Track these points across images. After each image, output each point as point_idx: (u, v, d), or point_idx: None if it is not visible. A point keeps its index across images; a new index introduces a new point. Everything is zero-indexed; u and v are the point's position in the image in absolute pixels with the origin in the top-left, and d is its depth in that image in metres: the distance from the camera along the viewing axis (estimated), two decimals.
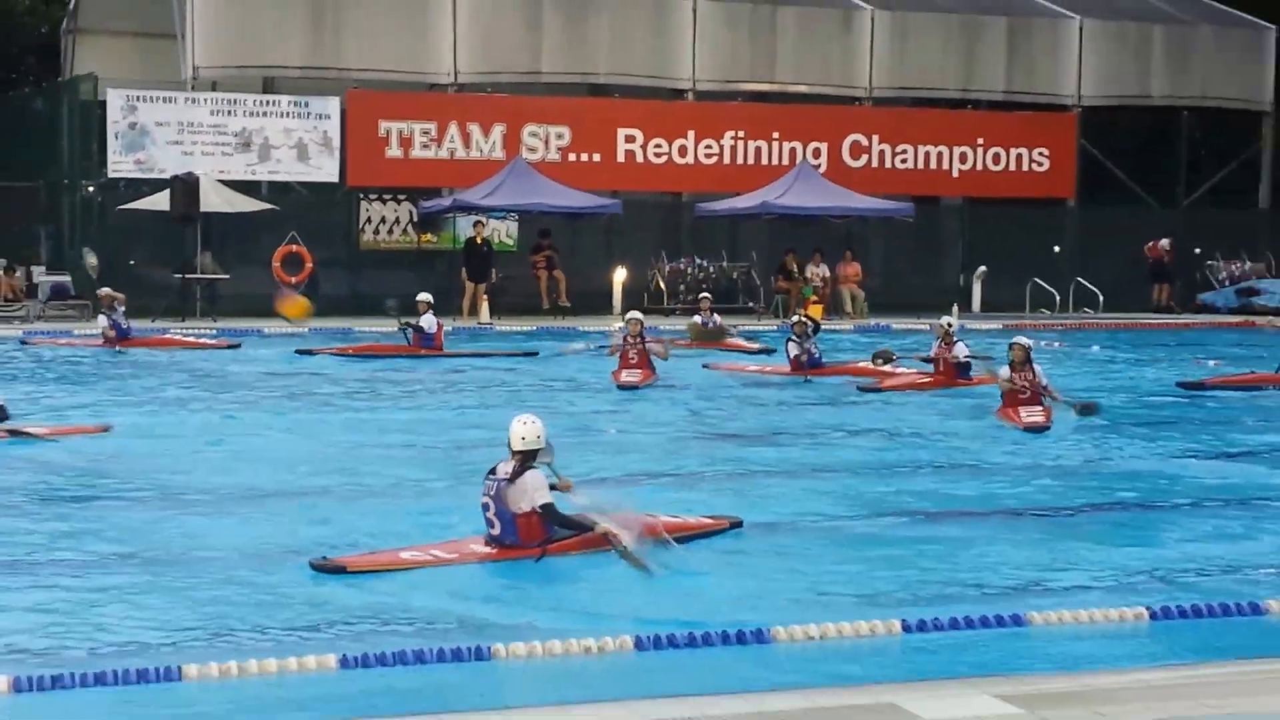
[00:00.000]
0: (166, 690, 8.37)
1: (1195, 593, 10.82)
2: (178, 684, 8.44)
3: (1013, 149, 40.63)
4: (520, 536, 11.25)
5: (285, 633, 9.65)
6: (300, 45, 36.02)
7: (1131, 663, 9.05)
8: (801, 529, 13.03)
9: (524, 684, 8.67)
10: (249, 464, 15.92)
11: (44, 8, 50.68)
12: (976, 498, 14.67)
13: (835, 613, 10.03)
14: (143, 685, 8.39)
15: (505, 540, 11.27)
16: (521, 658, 8.99)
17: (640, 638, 9.25)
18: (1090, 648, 9.49)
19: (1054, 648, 9.49)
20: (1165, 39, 42.20)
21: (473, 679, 8.70)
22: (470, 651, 8.96)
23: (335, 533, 12.38)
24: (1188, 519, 14.05)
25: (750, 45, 39.07)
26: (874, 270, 39.73)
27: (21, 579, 10.92)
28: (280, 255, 34.76)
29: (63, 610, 10.13)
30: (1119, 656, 9.24)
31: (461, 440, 17.40)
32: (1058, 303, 38.78)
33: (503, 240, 36.83)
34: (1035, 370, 19.09)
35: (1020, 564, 11.83)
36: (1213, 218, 42.40)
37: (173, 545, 12.08)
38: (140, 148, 34.51)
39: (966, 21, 40.72)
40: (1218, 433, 19.15)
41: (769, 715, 7.76)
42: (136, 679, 8.42)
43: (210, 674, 8.56)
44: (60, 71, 42.81)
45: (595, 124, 37.88)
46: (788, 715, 7.74)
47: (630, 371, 22.42)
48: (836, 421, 19.78)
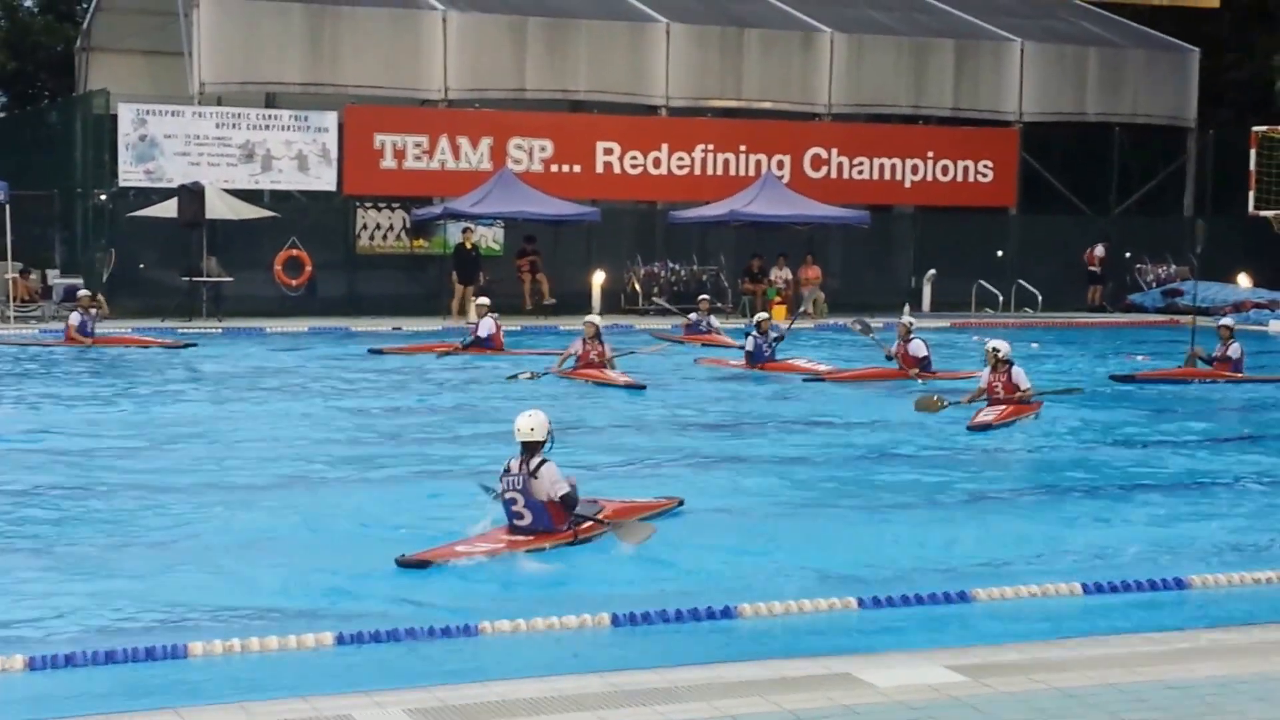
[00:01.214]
0: (173, 667, 8.36)
1: (1127, 570, 10.85)
2: (183, 661, 8.43)
3: (959, 161, 40.65)
4: (552, 522, 11.27)
5: (286, 612, 9.64)
6: (300, 63, 35.87)
7: (1068, 634, 9.07)
8: (762, 513, 13.03)
9: (510, 658, 8.65)
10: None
11: (59, 27, 50.44)
12: (922, 484, 14.66)
13: (796, 590, 10.04)
14: (150, 663, 8.36)
15: (539, 527, 11.24)
16: (507, 633, 8.99)
17: (617, 615, 9.25)
18: (1031, 621, 9.51)
19: (998, 621, 9.52)
20: (1099, 61, 42.27)
21: (459, 654, 8.69)
22: (459, 629, 8.96)
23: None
24: (1120, 501, 14.09)
25: (719, 65, 39.01)
26: (833, 273, 39.74)
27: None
28: (281, 259, 34.67)
29: (76, 593, 10.11)
30: (1057, 629, 9.26)
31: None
32: (1000, 302, 38.88)
33: (490, 245, 36.71)
34: (1012, 373, 18.60)
35: (966, 545, 11.85)
36: (1141, 225, 42.52)
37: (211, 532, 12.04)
38: (149, 158, 34.33)
39: (917, 44, 40.73)
40: (1147, 421, 19.22)
41: (735, 684, 7.75)
42: (145, 657, 8.39)
43: (214, 650, 8.54)
44: (74, 87, 42.58)
45: (576, 137, 37.81)
46: (753, 685, 7.74)
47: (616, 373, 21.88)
48: (793, 413, 19.74)
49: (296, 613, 9.55)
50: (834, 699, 7.47)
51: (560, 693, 7.61)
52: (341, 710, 7.32)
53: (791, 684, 7.76)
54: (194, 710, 7.34)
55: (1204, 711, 7.34)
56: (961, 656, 8.37)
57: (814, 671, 8.04)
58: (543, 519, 11.27)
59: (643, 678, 7.91)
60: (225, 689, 7.86)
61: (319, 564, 10.94)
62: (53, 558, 11.08)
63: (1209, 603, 10.09)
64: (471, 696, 7.55)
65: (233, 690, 7.80)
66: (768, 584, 10.35)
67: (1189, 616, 9.65)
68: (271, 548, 11.46)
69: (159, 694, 7.78)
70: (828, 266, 39.34)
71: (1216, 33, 44.47)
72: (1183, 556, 11.51)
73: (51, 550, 11.31)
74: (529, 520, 11.28)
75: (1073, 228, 41.48)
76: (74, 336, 26.95)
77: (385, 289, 35.83)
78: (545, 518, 11.27)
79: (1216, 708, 7.39)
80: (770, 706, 7.35)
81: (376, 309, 34.45)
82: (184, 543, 11.58)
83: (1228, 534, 12.39)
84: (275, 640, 8.68)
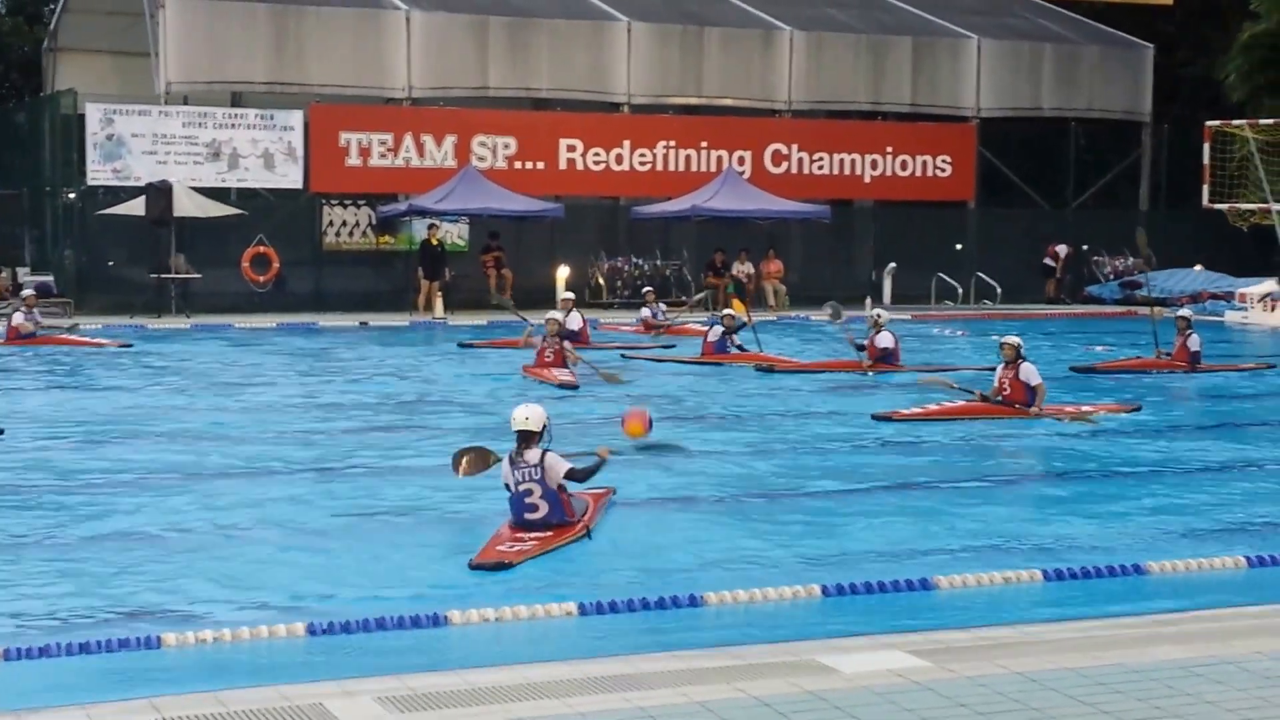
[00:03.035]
0: (147, 657, 8.35)
1: (1086, 557, 10.91)
2: (157, 651, 8.41)
3: (918, 156, 40.77)
4: (564, 513, 11.25)
5: (261, 605, 9.63)
6: (266, 63, 35.76)
7: (1028, 619, 9.12)
8: (726, 502, 13.06)
9: (478, 647, 8.66)
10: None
11: (26, 28, 50.16)
12: (884, 473, 14.70)
13: (760, 578, 10.07)
14: (124, 653, 8.35)
15: (553, 520, 11.17)
16: (475, 623, 8.99)
17: (584, 604, 9.26)
18: (991, 606, 9.56)
19: (959, 607, 9.56)
20: (1055, 57, 42.44)
21: (429, 643, 8.70)
22: (428, 619, 8.96)
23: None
24: (1080, 490, 14.17)
25: (680, 63, 39.03)
26: (794, 267, 39.84)
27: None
28: (249, 256, 34.59)
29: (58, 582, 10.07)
30: (1016, 614, 9.31)
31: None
32: (960, 295, 39.03)
33: (455, 241, 36.65)
34: (1021, 369, 18.05)
35: (928, 533, 11.89)
36: (1098, 218, 42.72)
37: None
38: (117, 157, 34.17)
39: (876, 41, 40.82)
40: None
41: (701, 672, 7.77)
42: (119, 647, 8.38)
43: (187, 641, 8.53)
44: (42, 87, 42.35)
45: (539, 135, 37.79)
46: (718, 672, 7.75)
47: (561, 371, 21.37)
48: (755, 404, 19.78)
49: (268, 603, 9.53)
50: (799, 685, 7.50)
51: (528, 681, 7.61)
52: (313, 698, 7.31)
53: (757, 670, 7.78)
54: (168, 700, 7.32)
55: (1162, 694, 7.39)
56: (924, 642, 8.40)
57: (779, 658, 8.06)
58: (557, 510, 11.20)
59: (609, 666, 7.92)
60: (198, 679, 7.85)
61: (290, 554, 10.92)
62: (24, 550, 11.03)
63: (1167, 588, 10.15)
64: (440, 685, 7.54)
65: (206, 680, 7.78)
66: (732, 572, 10.37)
67: (1143, 601, 9.71)
68: (242, 538, 11.43)
69: (133, 684, 7.75)
70: (789, 261, 39.47)
71: (1170, 29, 44.70)
72: (1138, 542, 11.58)
73: (23, 543, 11.24)
74: (544, 512, 11.17)
75: (1030, 221, 41.68)
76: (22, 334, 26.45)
77: (352, 285, 35.76)
78: (559, 509, 11.22)
79: (1175, 691, 7.44)
80: (736, 693, 7.36)
81: (343, 305, 34.39)
82: (155, 534, 11.53)
83: (1186, 521, 12.47)
84: (247, 630, 8.68)
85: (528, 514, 11.20)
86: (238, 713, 7.13)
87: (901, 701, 7.24)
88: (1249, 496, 13.68)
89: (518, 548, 10.78)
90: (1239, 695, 7.37)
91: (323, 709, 7.17)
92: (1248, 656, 8.06)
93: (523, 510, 11.22)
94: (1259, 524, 12.42)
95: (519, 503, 11.24)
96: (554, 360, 21.58)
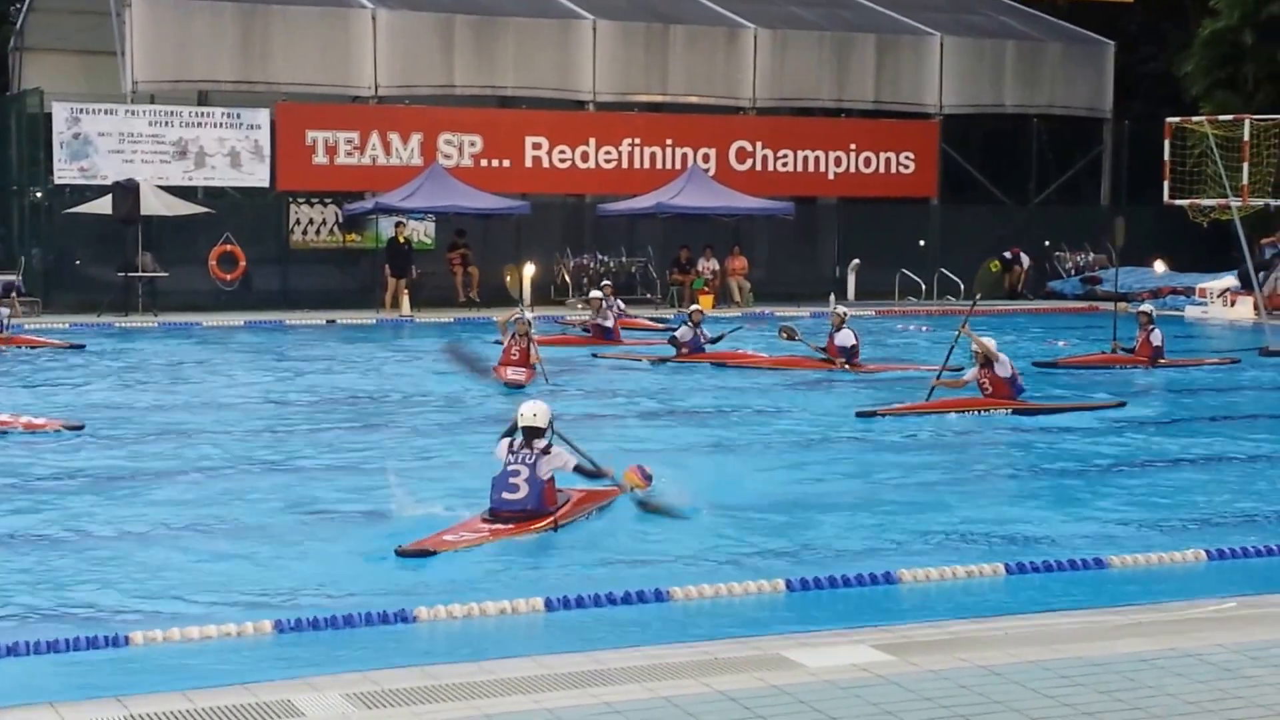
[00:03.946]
0: (115, 656, 8.32)
1: (1048, 551, 10.97)
2: (125, 649, 8.39)
3: (882, 153, 40.85)
4: (543, 502, 11.38)
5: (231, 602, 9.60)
6: (232, 61, 35.62)
7: (990, 613, 9.16)
8: (691, 498, 13.05)
9: (445, 642, 8.65)
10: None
11: None
12: (847, 469, 14.75)
13: (726, 574, 10.09)
14: (92, 652, 8.32)
15: (528, 505, 11.29)
16: (442, 619, 8.99)
17: (550, 599, 9.26)
18: (954, 601, 9.60)
19: (922, 601, 9.60)
20: (1017, 54, 42.57)
21: (396, 640, 8.69)
22: (395, 615, 8.95)
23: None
24: (1042, 484, 14.25)
25: (645, 61, 39.02)
26: (759, 263, 39.88)
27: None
28: (216, 254, 34.45)
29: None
30: (979, 608, 9.35)
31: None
32: (923, 291, 39.13)
33: (421, 239, 36.59)
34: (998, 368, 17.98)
35: (891, 527, 11.93)
36: (1060, 214, 42.85)
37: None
38: (84, 156, 34.01)
39: (839, 39, 40.87)
40: None
41: (667, 668, 7.78)
42: (86, 646, 8.34)
43: (155, 639, 8.50)
44: (8, 86, 42.03)
45: (505, 133, 37.74)
46: (684, 667, 7.76)
47: (515, 370, 21.11)
48: (721, 400, 19.81)
49: (236, 601, 9.51)
50: (764, 679, 7.51)
51: (494, 676, 7.61)
52: (281, 696, 7.30)
53: (722, 665, 7.79)
54: (136, 699, 7.29)
55: (1124, 686, 7.43)
56: (888, 636, 8.43)
57: (744, 653, 8.07)
58: (535, 496, 11.33)
59: (576, 661, 7.92)
60: (167, 677, 7.82)
61: (257, 553, 10.89)
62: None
63: (1128, 582, 10.21)
64: (407, 680, 7.54)
65: (174, 678, 7.76)
66: (698, 568, 10.39)
67: (1105, 595, 9.76)
68: (210, 536, 11.40)
69: (101, 683, 7.72)
70: (754, 257, 39.49)
71: (1131, 26, 44.89)
72: (1100, 537, 11.65)
73: None
74: (522, 495, 11.29)
75: (992, 217, 41.81)
76: None
77: (319, 283, 35.64)
78: (539, 497, 11.35)
79: (1136, 683, 7.48)
80: (701, 688, 7.38)
81: (310, 303, 34.27)
82: (123, 532, 11.50)
83: (1146, 515, 12.53)
84: (215, 629, 8.67)
85: (506, 493, 11.32)
86: (206, 710, 7.11)
87: (865, 695, 7.26)
88: (1209, 490, 13.77)
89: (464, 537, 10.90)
90: (1199, 687, 7.42)
91: (290, 705, 7.15)
92: (1207, 649, 8.11)
93: (503, 489, 11.34)
94: (1219, 518, 12.50)
95: (501, 481, 11.37)
96: (519, 359, 21.44)
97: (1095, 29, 43.98)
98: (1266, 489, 13.87)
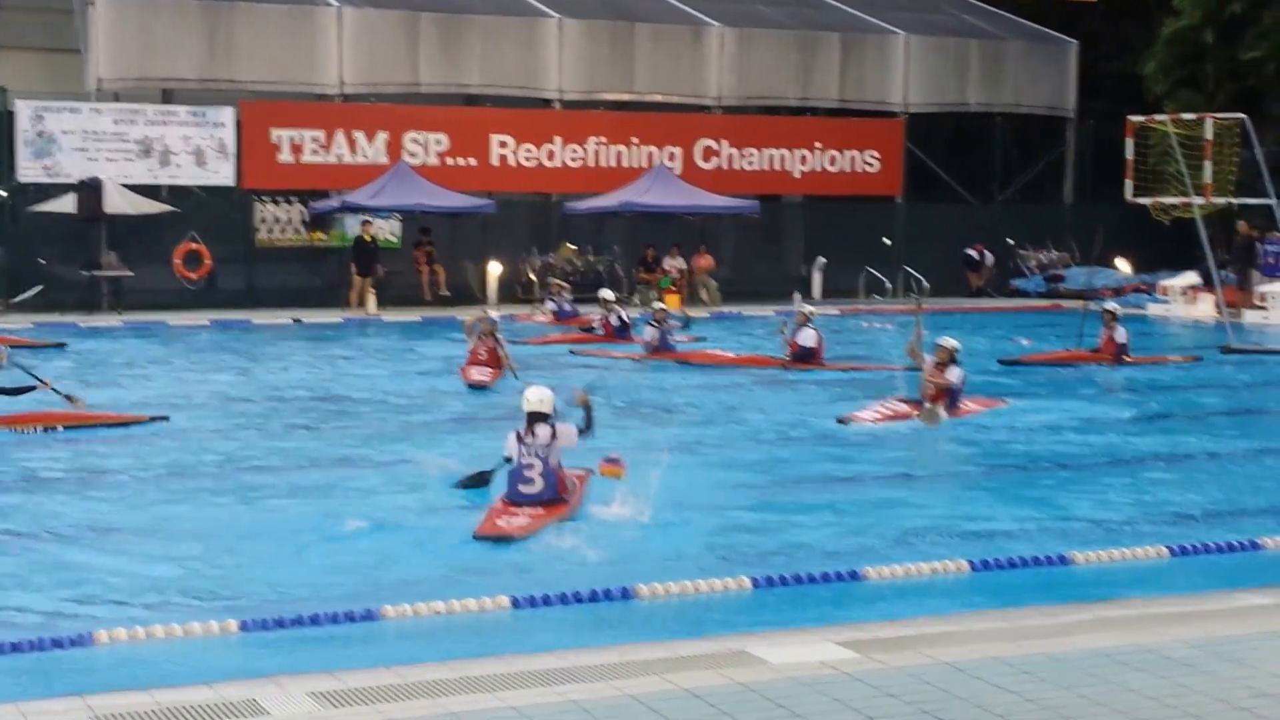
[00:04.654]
0: (79, 655, 8.29)
1: (1009, 546, 11.02)
2: (89, 649, 8.35)
3: (847, 152, 40.94)
4: (558, 490, 11.85)
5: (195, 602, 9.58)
6: (196, 59, 35.47)
7: (954, 610, 9.20)
8: (658, 496, 13.05)
9: (413, 641, 8.65)
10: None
11: None
12: (811, 468, 14.77)
13: (692, 571, 10.10)
14: (56, 651, 8.28)
15: (544, 496, 11.74)
16: (408, 617, 8.98)
17: (516, 598, 9.26)
18: (917, 598, 9.63)
19: (886, 598, 9.63)
20: (981, 53, 42.72)
21: (362, 638, 8.68)
22: (361, 614, 8.94)
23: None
24: (1005, 481, 14.31)
25: (610, 59, 39.02)
26: (725, 262, 39.91)
27: None
28: (181, 253, 34.30)
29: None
30: (943, 604, 9.39)
31: None
32: (888, 289, 39.23)
33: (387, 238, 36.46)
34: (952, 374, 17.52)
35: (856, 525, 11.97)
36: (1023, 212, 42.98)
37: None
38: (48, 154, 33.83)
39: (804, 37, 40.94)
40: (1033, 403, 19.39)
41: (633, 665, 7.79)
42: (50, 646, 8.31)
43: (120, 638, 8.47)
44: None
45: (470, 131, 37.69)
46: (650, 665, 7.78)
47: (480, 369, 20.98)
48: (688, 399, 19.82)
49: (201, 600, 9.48)
50: (729, 676, 7.53)
51: (461, 674, 7.61)
52: (246, 695, 7.29)
53: (688, 663, 7.81)
54: (101, 698, 7.27)
55: (1086, 682, 7.47)
56: (852, 633, 8.46)
57: (709, 650, 8.09)
58: (551, 487, 11.80)
59: (542, 659, 7.93)
60: (132, 676, 7.80)
61: (220, 551, 10.86)
62: None
63: (1090, 578, 10.27)
64: (374, 679, 7.53)
65: (139, 677, 7.73)
66: (664, 565, 10.40)
67: (1069, 591, 9.81)
68: (174, 535, 11.36)
69: (66, 682, 7.70)
70: (720, 256, 39.50)
71: (1094, 25, 45.06)
72: (1063, 533, 11.70)
73: None
74: (539, 487, 11.77)
75: (957, 216, 41.94)
76: None
77: (284, 281, 35.51)
78: (553, 486, 11.82)
79: (1098, 678, 7.53)
80: (667, 685, 7.39)
81: (276, 301, 34.16)
82: (87, 531, 11.45)
83: (1109, 512, 12.60)
84: (180, 628, 8.64)
85: (522, 486, 11.78)
86: (171, 709, 7.10)
87: (830, 692, 7.29)
88: (1172, 487, 13.85)
89: (516, 523, 11.34)
90: (1160, 682, 7.47)
91: (256, 705, 7.14)
92: (1169, 644, 8.17)
93: (518, 482, 11.82)
94: (1180, 514, 12.58)
95: (517, 474, 11.85)
96: (487, 359, 21.31)
97: (1058, 28, 44.15)
98: (1227, 486, 13.96)
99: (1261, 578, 10.09)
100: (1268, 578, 10.09)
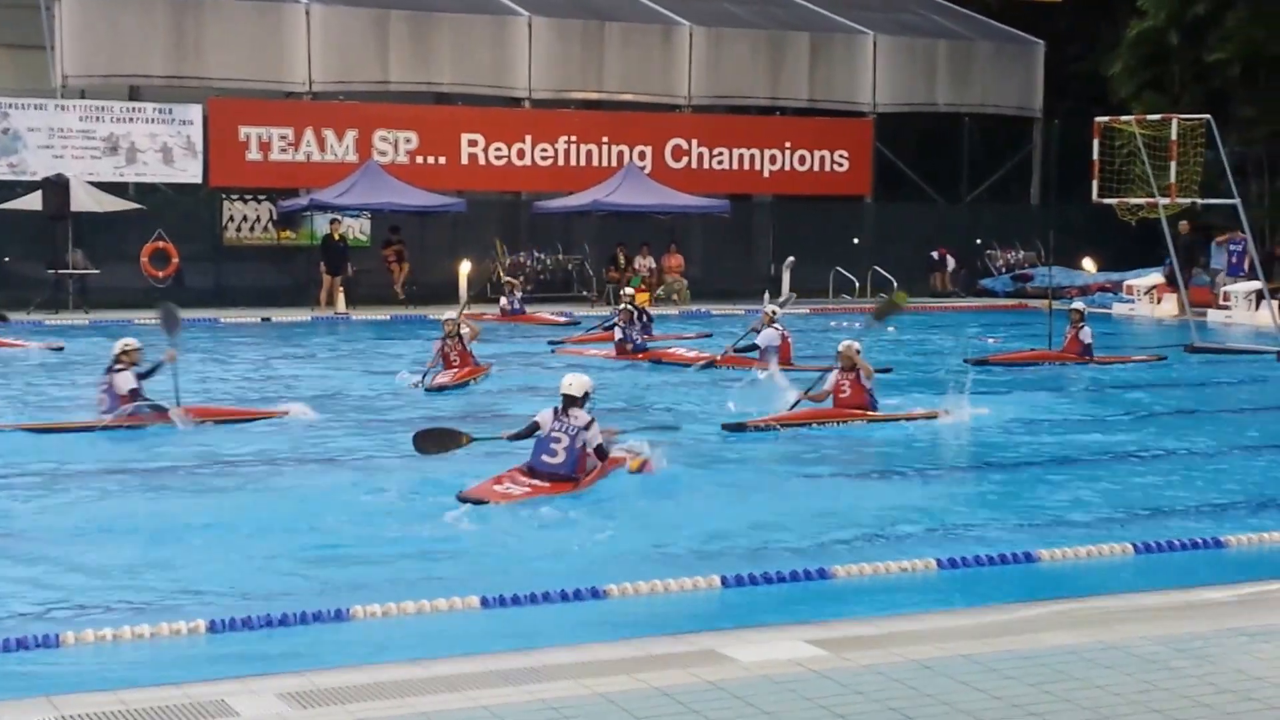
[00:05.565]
0: (46, 656, 8.25)
1: (977, 544, 11.05)
2: (55, 650, 8.32)
3: (816, 151, 41.03)
4: (576, 469, 12.64)
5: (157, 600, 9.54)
6: (164, 56, 35.36)
7: (922, 608, 9.23)
8: (626, 496, 13.08)
9: (381, 641, 8.63)
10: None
11: None
12: (779, 467, 14.79)
13: (661, 570, 10.11)
14: (22, 653, 8.25)
15: (562, 470, 12.55)
16: (378, 617, 8.96)
17: (486, 597, 9.25)
18: (886, 596, 9.66)
19: (856, 597, 9.65)
20: (949, 53, 42.87)
21: (331, 638, 8.66)
22: (330, 614, 8.92)
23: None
24: (972, 479, 14.37)
25: (581, 58, 39.02)
26: (695, 261, 39.97)
27: None
28: (148, 251, 34.19)
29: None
30: (911, 602, 9.42)
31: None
32: (857, 288, 39.30)
33: (356, 236, 36.44)
34: (860, 372, 17.22)
35: (825, 524, 11.98)
36: (991, 212, 43.15)
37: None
38: (13, 152, 33.70)
39: (773, 37, 41.02)
40: (1001, 402, 19.42)
41: (603, 664, 7.80)
42: (16, 647, 8.27)
43: (86, 639, 8.44)
44: None
45: (440, 129, 37.64)
46: (620, 664, 7.79)
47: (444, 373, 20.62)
48: (654, 398, 19.80)
49: (168, 600, 9.45)
50: (699, 675, 7.54)
51: (431, 674, 7.61)
52: (215, 696, 7.27)
53: (658, 661, 7.82)
54: (68, 699, 7.24)
55: (1052, 679, 7.51)
56: (821, 631, 8.49)
57: (679, 649, 8.11)
58: (570, 464, 12.60)
59: (512, 659, 7.93)
60: (99, 678, 7.77)
61: (189, 552, 10.82)
62: None
63: (1057, 575, 10.31)
64: (343, 679, 7.53)
65: (107, 679, 7.70)
66: (634, 565, 10.40)
67: (1034, 588, 9.86)
68: (141, 536, 11.31)
69: (32, 683, 7.65)
70: (690, 255, 39.57)
71: (1061, 26, 45.23)
72: (1029, 531, 11.75)
73: None
74: (560, 460, 12.56)
75: (925, 215, 42.08)
76: None
77: (253, 280, 35.40)
78: (573, 463, 12.62)
79: (1065, 675, 7.57)
80: (637, 684, 7.40)
81: (244, 300, 34.05)
82: (51, 532, 11.39)
83: (1075, 510, 12.65)
84: (148, 628, 8.60)
85: (545, 456, 12.60)
86: (139, 710, 7.07)
87: (800, 690, 7.31)
88: (1137, 486, 13.92)
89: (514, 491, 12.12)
90: (1126, 679, 7.52)
91: (225, 705, 7.13)
92: (1135, 641, 8.22)
93: (542, 452, 12.63)
94: (1146, 512, 12.64)
95: (543, 445, 12.66)
96: (459, 361, 21.12)
97: (1025, 28, 44.32)
98: (1191, 485, 14.03)
99: (1225, 575, 10.17)
100: (1231, 575, 10.16)
